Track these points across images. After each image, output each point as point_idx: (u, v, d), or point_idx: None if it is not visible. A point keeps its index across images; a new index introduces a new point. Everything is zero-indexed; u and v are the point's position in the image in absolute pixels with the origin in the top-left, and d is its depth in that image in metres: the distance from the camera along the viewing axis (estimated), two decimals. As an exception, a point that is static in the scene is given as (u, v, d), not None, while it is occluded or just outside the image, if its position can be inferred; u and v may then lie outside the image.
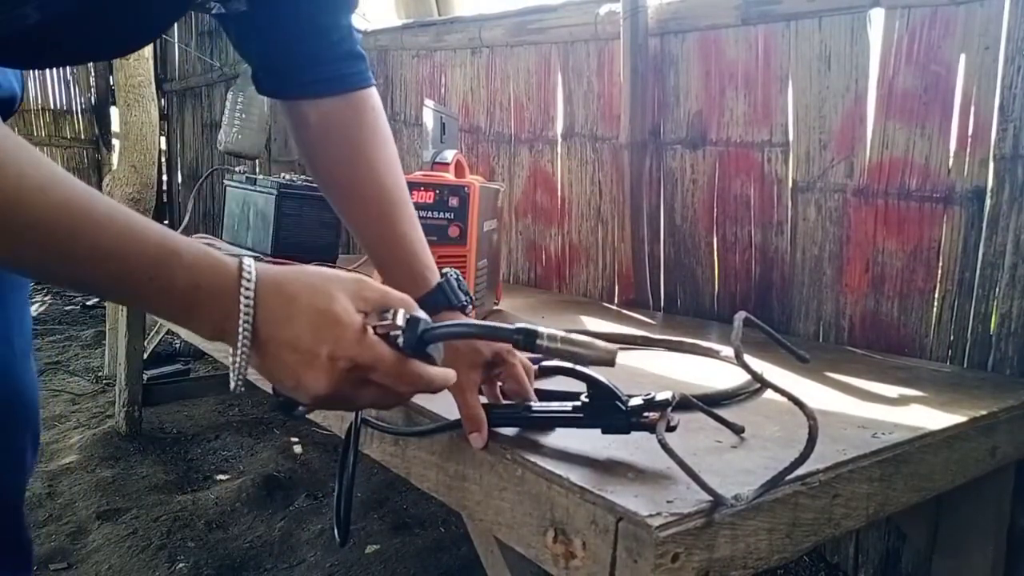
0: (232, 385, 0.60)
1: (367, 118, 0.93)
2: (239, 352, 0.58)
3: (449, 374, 0.62)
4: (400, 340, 0.59)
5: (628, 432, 0.67)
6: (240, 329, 0.57)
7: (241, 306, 0.58)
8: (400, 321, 0.60)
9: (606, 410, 0.67)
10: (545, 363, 0.76)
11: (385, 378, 0.59)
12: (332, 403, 0.61)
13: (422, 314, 0.61)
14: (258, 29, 0.90)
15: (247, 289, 0.58)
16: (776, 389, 0.64)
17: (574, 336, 0.60)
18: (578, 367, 0.69)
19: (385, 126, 0.94)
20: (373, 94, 0.94)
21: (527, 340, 0.59)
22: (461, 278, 0.85)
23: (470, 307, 0.82)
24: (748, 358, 0.63)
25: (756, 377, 0.65)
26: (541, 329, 0.59)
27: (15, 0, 0.56)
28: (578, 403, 0.69)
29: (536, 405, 0.73)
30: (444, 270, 0.87)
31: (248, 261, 0.58)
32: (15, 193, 0.51)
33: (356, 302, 0.60)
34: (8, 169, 0.51)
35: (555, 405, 0.72)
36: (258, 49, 0.93)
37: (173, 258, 0.57)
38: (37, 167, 0.52)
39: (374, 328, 0.59)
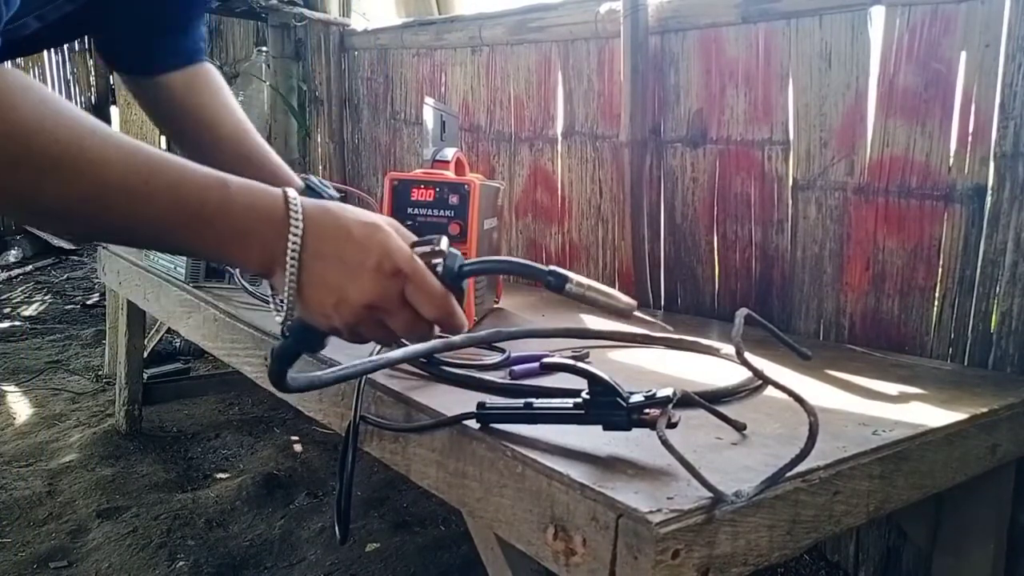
0: (283, 316, 0.63)
1: (213, 90, 1.12)
2: (289, 265, 0.60)
3: (464, 318, 0.65)
4: (440, 268, 0.63)
5: (629, 429, 0.67)
6: (289, 244, 0.60)
7: (291, 220, 0.60)
8: (443, 247, 0.63)
9: (607, 407, 0.67)
10: (547, 360, 0.76)
11: (419, 294, 0.61)
12: (367, 325, 0.63)
13: (456, 251, 0.65)
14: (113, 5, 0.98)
15: (294, 204, 0.61)
16: (777, 386, 0.64)
17: (599, 285, 0.63)
18: (579, 364, 0.70)
19: (230, 96, 1.14)
20: (211, 68, 1.14)
21: (557, 282, 0.62)
22: (324, 180, 0.91)
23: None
24: (748, 355, 0.63)
25: (757, 374, 0.65)
26: (571, 274, 0.63)
27: (16, 16, 0.60)
28: (579, 400, 0.69)
29: (537, 402, 0.73)
30: (303, 175, 0.96)
31: (288, 188, 0.62)
32: (76, 134, 0.55)
33: (393, 229, 0.64)
34: (67, 114, 0.55)
35: (556, 402, 0.72)
36: (116, 25, 1.02)
37: (225, 184, 0.60)
38: (87, 115, 0.57)
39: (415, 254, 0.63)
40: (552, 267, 0.63)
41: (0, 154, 0.53)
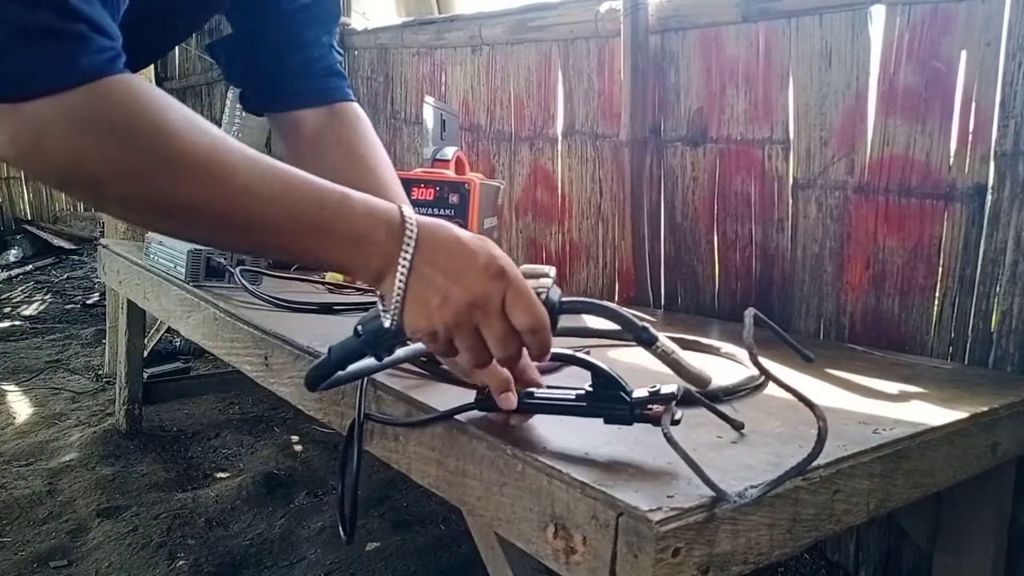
0: (388, 320, 0.64)
1: (358, 127, 1.02)
2: (400, 267, 0.63)
3: (551, 343, 0.67)
4: (544, 296, 0.65)
5: (631, 423, 0.67)
6: (403, 247, 0.63)
7: (407, 227, 0.64)
8: (552, 275, 0.67)
9: (609, 400, 0.67)
10: (551, 351, 0.75)
11: (519, 300, 0.63)
12: (463, 331, 0.64)
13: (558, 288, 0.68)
14: (243, 49, 0.99)
15: (410, 217, 0.65)
16: (789, 389, 0.64)
17: (681, 353, 0.66)
18: (582, 356, 0.69)
19: (375, 137, 1.03)
20: (357, 107, 1.04)
21: (648, 339, 0.65)
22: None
23: None
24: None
25: (769, 376, 0.65)
26: (661, 336, 0.65)
27: None
28: (581, 391, 0.69)
29: (538, 392, 0.73)
30: None
31: (404, 205, 0.67)
32: (209, 138, 0.60)
33: None
34: (198, 120, 0.60)
35: (557, 392, 0.71)
36: (245, 68, 1.01)
37: (344, 191, 0.65)
38: (209, 123, 0.62)
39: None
40: (646, 325, 0.65)
41: (147, 154, 0.57)
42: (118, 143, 0.57)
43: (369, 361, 0.80)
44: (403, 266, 0.63)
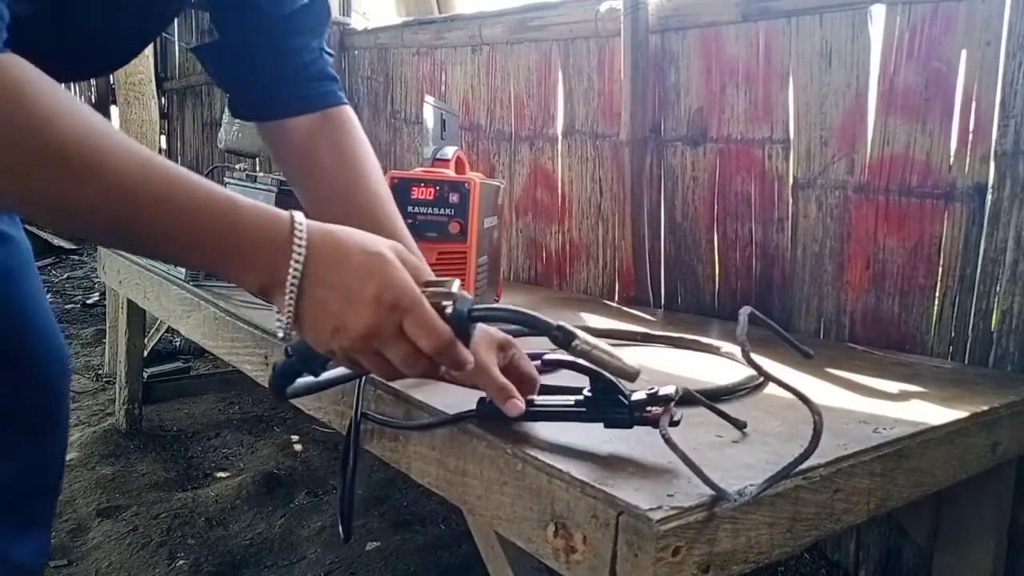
0: (282, 332, 0.62)
1: (349, 132, 0.96)
2: (289, 290, 0.59)
3: (471, 357, 0.63)
4: (449, 310, 0.61)
5: (631, 427, 0.67)
6: (291, 268, 0.59)
7: (294, 245, 0.60)
8: (454, 289, 0.62)
9: (608, 404, 0.67)
10: (548, 356, 0.76)
11: (417, 328, 0.60)
12: (365, 355, 0.61)
13: (467, 294, 0.63)
14: (231, 56, 0.93)
15: (299, 229, 0.60)
16: (782, 384, 0.64)
17: (606, 347, 0.62)
18: (581, 361, 0.69)
19: (366, 140, 0.97)
20: (349, 111, 0.97)
21: (564, 339, 0.61)
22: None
23: None
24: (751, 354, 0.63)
25: (762, 373, 0.65)
26: (579, 332, 0.62)
27: None
28: (580, 397, 0.69)
29: (538, 399, 0.73)
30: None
31: (297, 212, 0.62)
32: (91, 132, 0.54)
33: (398, 258, 0.63)
34: (80, 112, 0.55)
35: (557, 399, 0.71)
36: (233, 75, 0.96)
37: (235, 201, 0.60)
38: (97, 115, 0.56)
39: (424, 294, 0.61)
40: (560, 323, 0.62)
41: (20, 147, 0.52)
42: None
43: (342, 370, 0.78)
44: (291, 290, 0.59)
